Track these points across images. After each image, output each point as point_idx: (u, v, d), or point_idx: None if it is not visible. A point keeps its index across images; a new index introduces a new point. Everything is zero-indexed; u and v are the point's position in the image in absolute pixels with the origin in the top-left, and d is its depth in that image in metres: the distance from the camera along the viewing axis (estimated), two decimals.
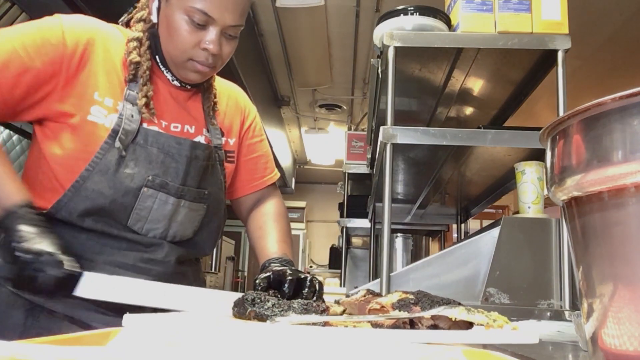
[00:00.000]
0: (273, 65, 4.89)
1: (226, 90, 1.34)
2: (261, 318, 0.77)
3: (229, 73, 3.59)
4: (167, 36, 1.10)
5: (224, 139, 1.27)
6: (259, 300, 0.80)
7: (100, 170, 1.06)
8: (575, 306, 1.56)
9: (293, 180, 7.47)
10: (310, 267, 8.51)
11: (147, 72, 1.12)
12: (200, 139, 1.20)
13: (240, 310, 0.81)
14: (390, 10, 1.86)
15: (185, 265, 1.22)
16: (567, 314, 1.51)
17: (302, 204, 8.73)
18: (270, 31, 4.25)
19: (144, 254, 1.12)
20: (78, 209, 1.05)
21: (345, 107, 5.96)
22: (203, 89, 1.24)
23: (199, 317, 0.80)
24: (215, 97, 1.26)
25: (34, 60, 1.02)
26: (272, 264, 1.16)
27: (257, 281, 1.03)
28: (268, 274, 1.04)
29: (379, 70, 1.95)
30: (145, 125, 1.11)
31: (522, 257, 1.68)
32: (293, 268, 1.12)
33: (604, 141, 0.44)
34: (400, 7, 1.83)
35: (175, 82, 1.17)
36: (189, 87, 1.20)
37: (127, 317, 0.71)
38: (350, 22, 4.07)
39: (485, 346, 0.66)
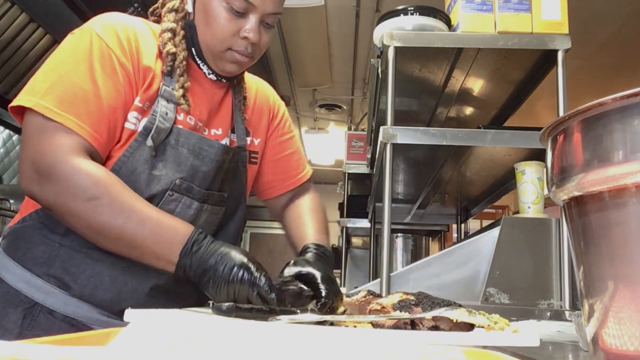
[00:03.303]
0: (273, 65, 4.89)
1: (254, 85, 1.29)
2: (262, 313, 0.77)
3: None
4: (204, 25, 1.06)
5: (249, 139, 1.23)
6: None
7: (128, 170, 1.00)
8: (575, 306, 1.56)
9: None
10: None
11: (184, 62, 1.07)
12: (226, 141, 1.16)
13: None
14: (390, 10, 1.86)
15: None
16: (567, 314, 1.51)
17: None
18: None
19: None
20: None
21: (345, 107, 5.96)
22: (234, 84, 1.20)
23: (199, 315, 0.80)
24: (245, 91, 1.22)
25: (119, 91, 0.99)
26: (307, 250, 1.11)
27: (284, 274, 0.97)
28: (298, 269, 0.99)
29: (379, 70, 1.95)
30: (177, 125, 1.06)
31: (522, 257, 1.67)
32: (324, 271, 1.04)
33: (604, 141, 0.44)
34: (400, 7, 1.83)
35: (212, 76, 1.13)
36: (224, 81, 1.16)
37: (129, 312, 0.72)
38: (350, 22, 4.07)
39: (485, 346, 0.66)
